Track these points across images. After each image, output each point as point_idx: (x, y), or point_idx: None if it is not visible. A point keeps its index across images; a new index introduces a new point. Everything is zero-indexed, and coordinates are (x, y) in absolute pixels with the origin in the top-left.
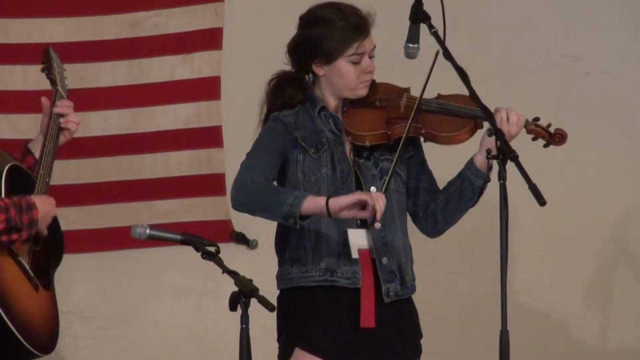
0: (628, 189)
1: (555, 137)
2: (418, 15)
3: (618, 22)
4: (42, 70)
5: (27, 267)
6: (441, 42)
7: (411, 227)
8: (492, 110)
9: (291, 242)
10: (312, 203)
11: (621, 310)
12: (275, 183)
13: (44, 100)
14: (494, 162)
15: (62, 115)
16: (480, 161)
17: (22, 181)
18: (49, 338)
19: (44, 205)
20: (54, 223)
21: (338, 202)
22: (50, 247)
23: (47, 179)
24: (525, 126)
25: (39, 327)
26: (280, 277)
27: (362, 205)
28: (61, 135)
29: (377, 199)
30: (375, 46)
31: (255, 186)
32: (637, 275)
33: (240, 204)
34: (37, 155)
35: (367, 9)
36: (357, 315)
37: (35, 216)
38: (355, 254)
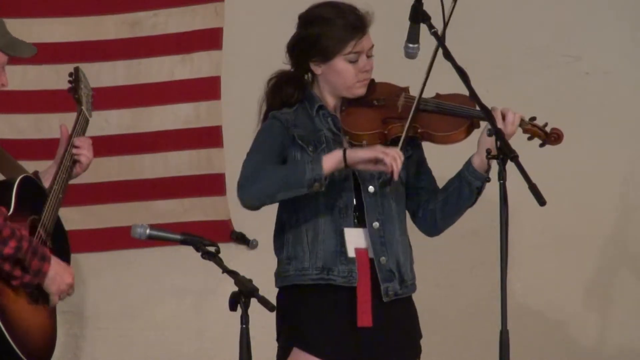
0: (628, 189)
1: (551, 137)
2: (418, 15)
3: (618, 22)
4: (69, 90)
5: None
6: (441, 42)
7: (411, 227)
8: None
9: (288, 241)
10: (330, 159)
11: (621, 310)
12: None
13: (64, 129)
14: (494, 162)
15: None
16: (478, 162)
17: (35, 194)
18: (44, 353)
19: (58, 267)
20: (65, 252)
21: (357, 154)
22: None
23: (60, 195)
24: (521, 125)
25: (35, 338)
26: (278, 275)
27: (377, 161)
28: (75, 168)
29: (394, 158)
30: (373, 45)
31: (266, 172)
32: (637, 275)
33: (255, 196)
34: (46, 185)
35: (365, 8)
36: (354, 314)
37: (45, 269)
38: (352, 253)
